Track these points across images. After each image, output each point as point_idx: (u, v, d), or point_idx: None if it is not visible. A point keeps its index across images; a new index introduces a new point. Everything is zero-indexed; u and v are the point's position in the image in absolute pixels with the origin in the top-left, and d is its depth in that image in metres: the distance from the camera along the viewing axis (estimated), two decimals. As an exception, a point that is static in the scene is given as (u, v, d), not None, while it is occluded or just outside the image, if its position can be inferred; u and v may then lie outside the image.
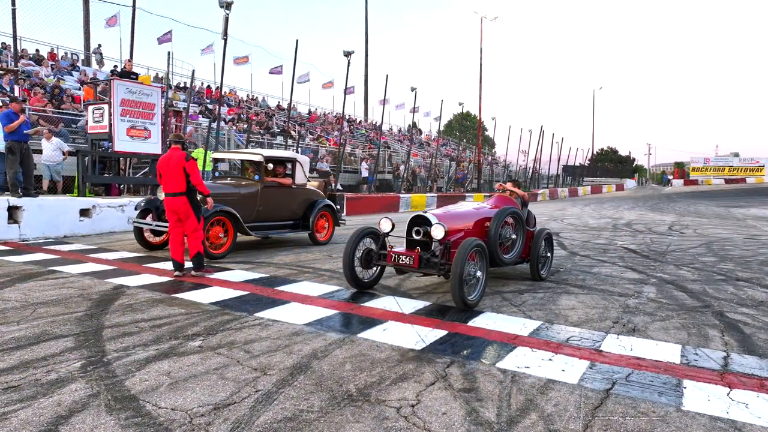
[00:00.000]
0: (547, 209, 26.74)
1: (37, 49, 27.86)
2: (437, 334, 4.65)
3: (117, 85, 10.84)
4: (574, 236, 13.53)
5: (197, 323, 4.69)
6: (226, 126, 23.70)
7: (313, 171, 22.95)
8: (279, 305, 5.45)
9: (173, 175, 6.55)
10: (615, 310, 5.80)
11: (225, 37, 15.30)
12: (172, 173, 6.55)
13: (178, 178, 6.56)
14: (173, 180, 6.56)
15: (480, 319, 5.23)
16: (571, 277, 7.66)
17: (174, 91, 30.66)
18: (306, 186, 9.70)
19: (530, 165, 41.83)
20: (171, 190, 6.58)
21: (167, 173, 6.57)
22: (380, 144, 26.13)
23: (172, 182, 6.57)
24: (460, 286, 5.28)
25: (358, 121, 48.16)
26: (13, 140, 8.93)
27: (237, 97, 36.94)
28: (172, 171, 6.55)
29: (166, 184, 6.60)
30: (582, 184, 54.95)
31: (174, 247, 6.66)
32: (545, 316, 5.41)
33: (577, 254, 10.18)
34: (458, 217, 6.33)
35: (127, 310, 5.03)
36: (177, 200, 6.59)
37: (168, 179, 6.57)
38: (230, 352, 3.98)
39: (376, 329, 4.72)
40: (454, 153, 45.67)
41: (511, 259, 6.73)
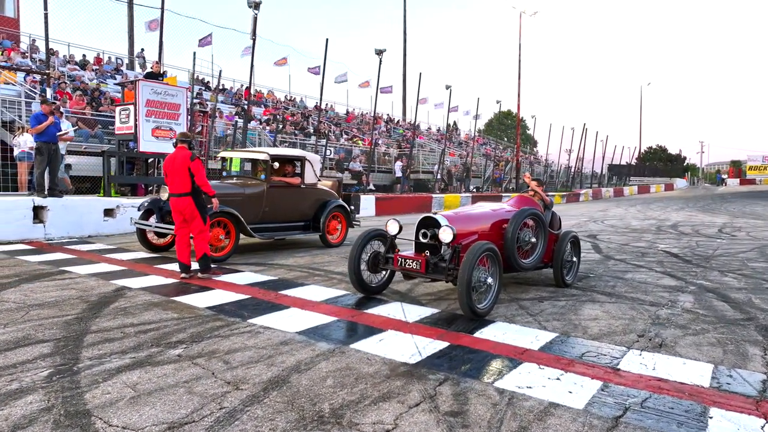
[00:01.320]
0: (588, 210, 25.73)
1: (84, 54, 28.87)
2: (437, 346, 4.29)
3: (142, 86, 10.91)
4: (612, 239, 12.81)
5: (185, 329, 4.49)
6: (259, 126, 23.83)
7: (345, 171, 22.82)
8: (277, 310, 5.21)
9: (178, 175, 6.42)
10: (643, 321, 5.28)
11: (254, 37, 15.30)
12: (177, 173, 6.43)
13: (183, 178, 6.42)
14: (178, 180, 6.43)
15: (489, 329, 4.82)
16: (600, 284, 7.12)
17: (213, 93, 31.23)
18: (317, 186, 9.41)
19: (573, 164, 40.53)
20: (176, 190, 6.45)
21: (172, 173, 6.44)
22: (414, 143, 25.75)
23: (177, 182, 6.44)
24: (467, 293, 4.89)
25: (396, 121, 47.86)
26: (42, 141, 9.07)
27: (275, 98, 37.32)
28: (177, 171, 6.42)
29: (172, 184, 6.48)
30: (628, 183, 52.93)
31: (180, 249, 6.53)
32: (562, 328, 4.95)
33: (612, 258, 9.55)
34: (472, 218, 5.93)
35: (120, 313, 4.89)
36: (182, 201, 6.45)
37: (173, 179, 6.45)
38: (208, 362, 3.75)
39: (371, 339, 4.40)
40: (493, 152, 44.80)
41: (531, 264, 6.27)
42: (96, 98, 18.78)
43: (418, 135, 43.24)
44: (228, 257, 7.76)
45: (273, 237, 8.67)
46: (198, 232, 6.57)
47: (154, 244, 8.16)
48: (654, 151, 78.49)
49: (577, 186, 41.59)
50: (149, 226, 7.80)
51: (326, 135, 20.36)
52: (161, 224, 7.71)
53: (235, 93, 33.07)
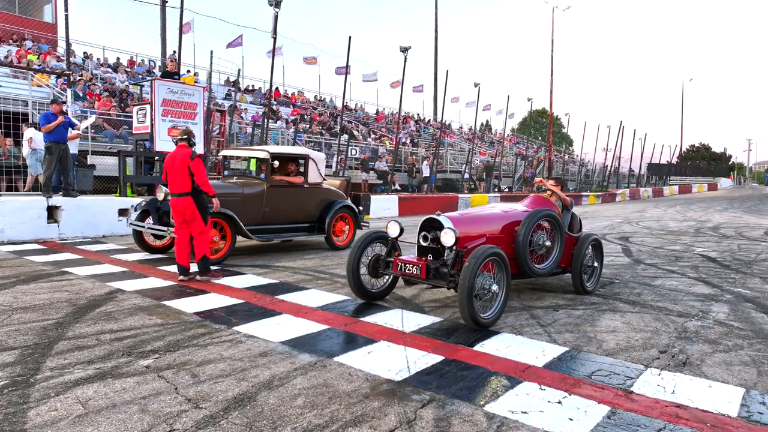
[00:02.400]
0: (624, 210, 24.74)
1: (117, 57, 29.50)
2: (430, 360, 3.91)
3: (158, 86, 10.85)
4: (645, 241, 12.11)
5: (164, 337, 4.24)
6: (283, 126, 23.78)
7: (371, 171, 22.52)
8: (268, 317, 4.92)
9: (178, 175, 6.22)
10: (667, 334, 4.77)
11: (274, 35, 15.15)
12: (176, 172, 6.23)
13: (183, 177, 6.22)
14: (178, 179, 6.23)
15: (491, 342, 4.41)
16: (624, 291, 6.59)
17: (241, 93, 31.45)
18: (321, 185, 9.06)
19: (609, 163, 39.21)
20: (176, 189, 6.25)
21: (172, 172, 6.25)
22: (439, 141, 25.24)
23: (177, 182, 6.24)
24: (468, 301, 4.49)
25: (427, 120, 47.38)
26: (52, 141, 9.07)
27: (304, 98, 37.37)
28: (177, 170, 6.22)
29: (172, 184, 6.28)
30: (668, 183, 50.97)
31: (179, 250, 6.32)
32: (574, 341, 4.50)
33: (642, 262, 8.94)
34: (479, 220, 5.51)
35: (102, 318, 4.69)
36: (182, 201, 6.25)
37: (173, 178, 6.25)
38: (176, 375, 3.47)
39: (359, 351, 4.06)
40: (526, 151, 43.75)
41: (546, 270, 5.80)
42: (124, 99, 19.04)
43: (448, 135, 42.72)
44: (224, 260, 7.50)
45: (272, 239, 8.36)
46: (198, 233, 6.36)
47: (151, 246, 7.99)
48: (696, 150, 75.49)
49: (613, 186, 40.23)
50: (143, 227, 7.60)
51: (349, 133, 20.07)
52: (156, 226, 7.51)
53: (264, 93, 33.22)
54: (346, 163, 19.52)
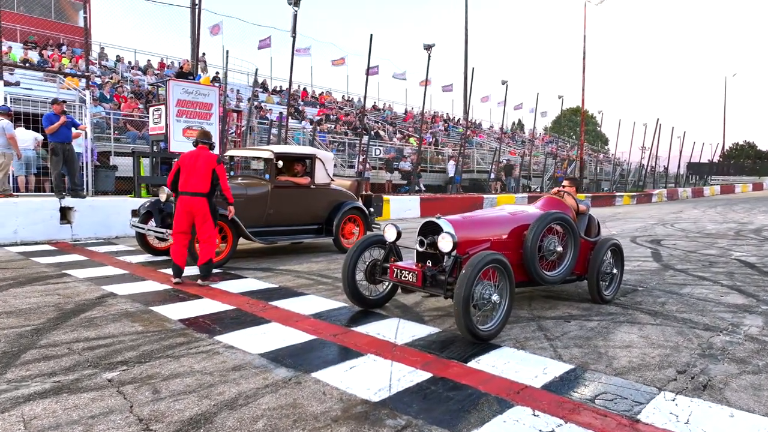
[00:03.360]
0: (659, 211, 23.73)
1: (148, 59, 30.00)
2: (416, 378, 3.57)
3: (173, 86, 10.79)
4: (678, 244, 11.44)
5: (139, 346, 4.03)
6: (308, 126, 23.67)
7: (395, 171, 22.22)
8: (255, 325, 4.67)
9: (199, 174, 6.09)
10: (689, 351, 4.30)
11: (294, 34, 15.01)
12: (198, 172, 6.10)
13: (204, 178, 6.11)
14: (198, 179, 6.09)
15: (489, 357, 4.05)
16: (647, 300, 6.10)
17: (269, 94, 31.58)
18: (329, 186, 8.76)
19: (646, 162, 37.84)
20: (193, 189, 6.09)
21: (193, 171, 6.10)
22: (467, 141, 24.72)
23: (196, 181, 6.10)
24: (465, 312, 4.14)
25: (456, 120, 46.83)
26: (56, 141, 9.09)
27: (332, 98, 37.33)
28: (200, 170, 6.10)
29: (188, 182, 6.11)
30: (709, 183, 48.95)
31: (179, 250, 6.16)
32: (582, 357, 4.09)
33: (672, 267, 8.36)
34: (483, 223, 5.13)
35: (82, 325, 4.52)
36: (197, 201, 6.10)
37: (192, 177, 6.10)
38: (137, 390, 3.24)
39: (341, 366, 3.75)
40: (558, 150, 42.65)
41: (557, 277, 5.38)
42: (150, 101, 19.26)
43: (478, 134, 42.02)
44: (225, 263, 7.30)
45: (275, 242, 8.12)
46: (207, 237, 6.22)
47: (154, 248, 7.86)
48: (740, 148, 72.37)
49: (650, 186, 38.83)
50: (143, 228, 7.47)
51: (369, 133, 19.81)
52: (155, 228, 7.37)
53: (292, 94, 33.27)
54: (366, 164, 19.24)
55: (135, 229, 7.66)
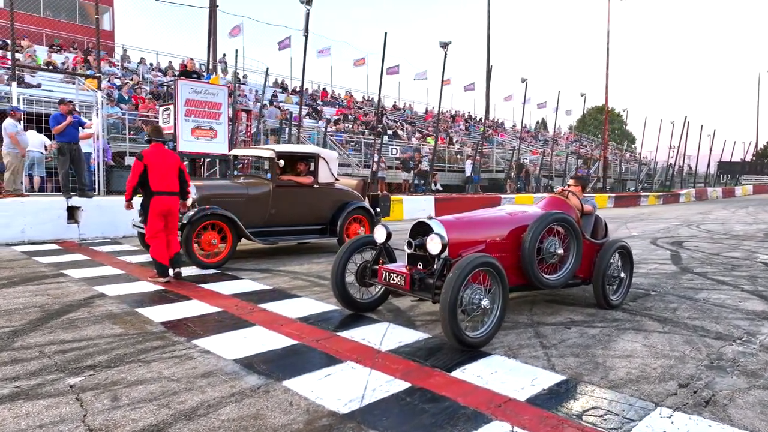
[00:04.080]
0: (686, 212, 23.00)
1: (170, 61, 30.34)
2: (393, 388, 3.37)
3: (181, 86, 10.78)
4: (701, 246, 10.96)
5: (112, 350, 3.91)
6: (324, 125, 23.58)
7: (411, 171, 21.97)
8: (238, 329, 4.52)
9: (170, 173, 6.05)
10: (695, 362, 4.00)
11: (306, 33, 14.91)
12: (169, 171, 6.06)
13: (174, 176, 6.11)
14: (170, 178, 6.07)
15: (476, 366, 3.81)
16: (658, 305, 5.76)
17: (287, 94, 31.65)
18: (334, 185, 8.58)
19: (673, 162, 36.77)
20: (167, 188, 6.08)
21: (164, 170, 6.06)
22: (488, 140, 24.33)
23: (168, 181, 6.07)
24: (451, 317, 3.91)
25: (479, 119, 46.38)
26: (63, 141, 9.13)
27: (353, 98, 37.25)
28: (170, 169, 6.08)
29: (163, 182, 6.06)
30: (741, 182, 47.38)
31: (161, 250, 6.13)
32: (576, 368, 3.83)
33: (690, 271, 7.97)
34: (479, 224, 4.89)
35: (62, 327, 4.43)
36: (174, 200, 6.16)
37: (164, 177, 6.06)
38: (96, 398, 3.10)
39: (315, 374, 3.57)
40: (580, 150, 41.78)
41: (558, 281, 5.10)
42: (167, 101, 19.42)
43: (499, 133, 41.45)
44: (224, 263, 7.19)
45: (276, 242, 7.98)
46: (175, 231, 6.33)
47: None
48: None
49: (678, 186, 37.75)
50: (142, 228, 7.37)
51: (383, 132, 19.61)
52: None
53: (311, 94, 33.33)
54: (380, 164, 19.04)
55: (136, 229, 7.62)
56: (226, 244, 7.23)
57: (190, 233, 6.88)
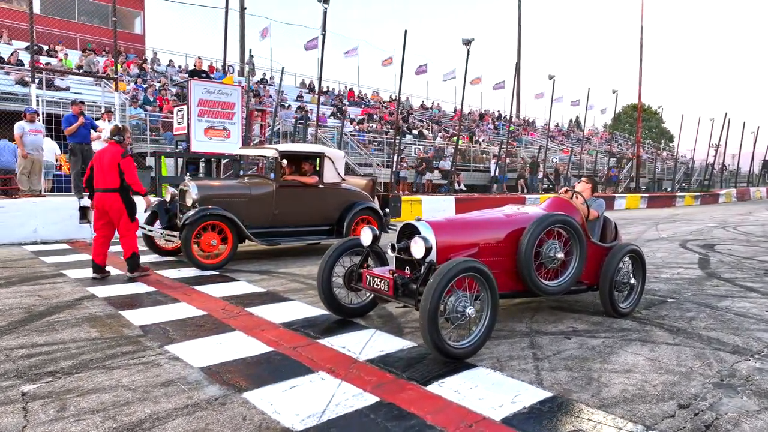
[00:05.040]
0: (724, 213, 21.97)
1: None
2: (358, 403, 3.13)
3: (194, 86, 10.78)
4: (735, 249, 10.33)
5: (80, 355, 3.79)
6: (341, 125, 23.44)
7: (435, 170, 21.65)
8: (217, 334, 4.36)
9: (106, 172, 6.11)
10: (702, 379, 3.63)
11: (323, 32, 14.79)
12: (103, 170, 6.13)
13: (111, 174, 6.11)
14: (105, 176, 6.12)
15: (455, 379, 3.54)
16: (673, 314, 5.35)
17: (313, 95, 31.70)
18: (340, 185, 8.37)
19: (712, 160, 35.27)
20: (102, 185, 6.16)
21: (99, 169, 6.16)
22: (508, 138, 23.77)
23: (103, 178, 6.13)
24: (432, 326, 3.64)
25: (509, 118, 45.61)
26: (74, 142, 9.21)
27: (379, 98, 37.11)
28: (105, 167, 6.12)
29: (97, 180, 6.20)
30: (788, 182, 45.14)
31: (96, 248, 6.26)
32: (567, 383, 3.51)
33: (717, 276, 7.46)
34: (471, 226, 4.60)
35: (39, 330, 4.35)
36: (109, 197, 6.16)
37: (99, 175, 6.16)
38: (43, 407, 2.97)
39: (281, 385, 3.36)
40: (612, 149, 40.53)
41: (559, 287, 4.76)
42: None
43: (529, 132, 40.59)
44: (224, 264, 7.07)
45: (279, 243, 7.81)
46: (126, 230, 6.27)
47: (161, 248, 7.75)
48: (826, 144, 66.49)
49: (717, 185, 36.21)
50: (143, 228, 7.34)
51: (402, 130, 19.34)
52: (162, 229, 7.25)
53: (337, 95, 33.34)
54: (402, 163, 18.78)
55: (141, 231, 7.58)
56: (226, 246, 7.12)
57: (189, 234, 6.79)
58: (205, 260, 6.95)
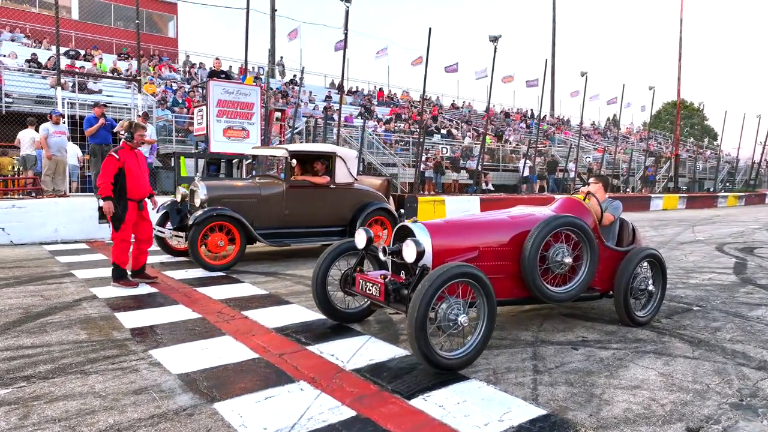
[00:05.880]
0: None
1: (230, 65, 31.20)
2: (333, 417, 2.94)
3: (213, 86, 10.80)
4: (775, 253, 9.70)
5: (61, 359, 3.72)
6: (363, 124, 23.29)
7: (461, 170, 21.29)
8: (206, 338, 4.23)
9: None
10: (719, 398, 3.29)
11: (346, 31, 14.66)
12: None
13: None
14: None
15: (443, 393, 3.30)
16: (697, 323, 4.97)
17: (342, 95, 31.70)
18: (353, 186, 8.18)
19: (758, 159, 33.61)
20: None
21: None
22: (537, 137, 23.17)
23: None
24: (420, 335, 3.42)
25: (543, 116, 44.80)
26: (95, 143, 9.33)
27: (409, 97, 36.86)
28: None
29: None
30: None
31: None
32: (565, 399, 3.23)
33: (753, 282, 6.97)
34: (470, 228, 4.34)
35: (29, 331, 4.31)
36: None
37: None
38: (4, 415, 2.88)
39: (255, 396, 3.19)
40: (659, 148, 39.13)
41: (567, 294, 4.46)
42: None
43: (563, 131, 39.62)
44: (231, 266, 6.98)
45: (288, 244, 7.67)
46: (113, 238, 5.89)
47: (173, 248, 7.73)
48: None
49: (765, 185, 34.51)
50: (155, 230, 7.30)
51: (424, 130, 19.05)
52: (170, 230, 7.21)
53: (366, 95, 33.26)
54: (425, 163, 18.50)
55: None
56: (234, 247, 7.04)
57: (195, 235, 6.73)
58: (212, 261, 6.88)
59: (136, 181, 5.80)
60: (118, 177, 5.65)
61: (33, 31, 26.52)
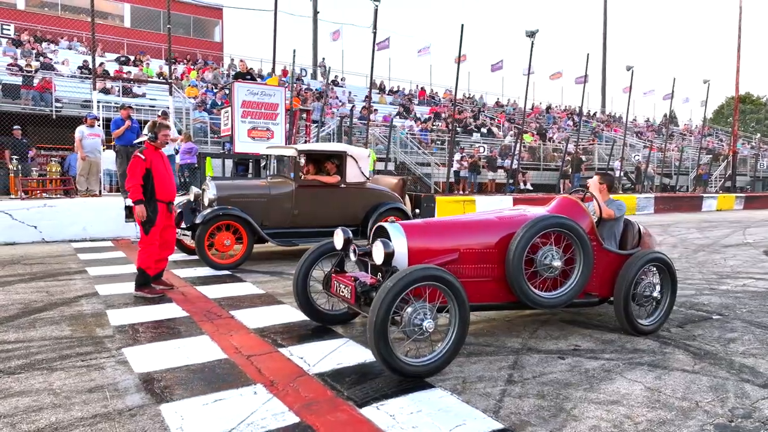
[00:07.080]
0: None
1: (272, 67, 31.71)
2: (274, 423, 2.84)
3: (237, 88, 10.95)
4: (830, 258, 8.90)
5: (35, 355, 3.79)
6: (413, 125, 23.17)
7: (498, 169, 20.81)
8: (184, 337, 4.23)
9: None
10: (704, 418, 2.98)
11: (374, 30, 14.57)
12: None
13: None
14: None
15: (399, 401, 3.14)
16: (710, 334, 4.57)
17: (382, 95, 31.66)
18: (365, 185, 8.02)
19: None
20: None
21: None
22: (579, 135, 22.31)
23: None
24: (379, 340, 3.27)
25: (593, 113, 43.35)
26: (121, 145, 9.62)
27: (452, 96, 36.40)
28: None
29: None
30: None
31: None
32: (529, 413, 3.00)
33: (790, 290, 6.39)
34: (451, 229, 4.14)
35: (17, 326, 4.43)
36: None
37: None
38: (-41, 408, 2.95)
39: (208, 397, 3.14)
40: (720, 145, 37.00)
41: (557, 300, 4.18)
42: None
43: (613, 128, 38.08)
44: (237, 265, 7.00)
45: (296, 244, 7.61)
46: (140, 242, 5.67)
47: (189, 247, 7.85)
48: None
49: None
50: None
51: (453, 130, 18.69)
52: (180, 229, 7.32)
53: (406, 94, 33.10)
54: (459, 162, 18.16)
55: None
56: (241, 246, 7.08)
57: (202, 233, 6.81)
58: (219, 260, 6.94)
59: (164, 181, 5.58)
60: (146, 178, 5.43)
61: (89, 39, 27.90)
